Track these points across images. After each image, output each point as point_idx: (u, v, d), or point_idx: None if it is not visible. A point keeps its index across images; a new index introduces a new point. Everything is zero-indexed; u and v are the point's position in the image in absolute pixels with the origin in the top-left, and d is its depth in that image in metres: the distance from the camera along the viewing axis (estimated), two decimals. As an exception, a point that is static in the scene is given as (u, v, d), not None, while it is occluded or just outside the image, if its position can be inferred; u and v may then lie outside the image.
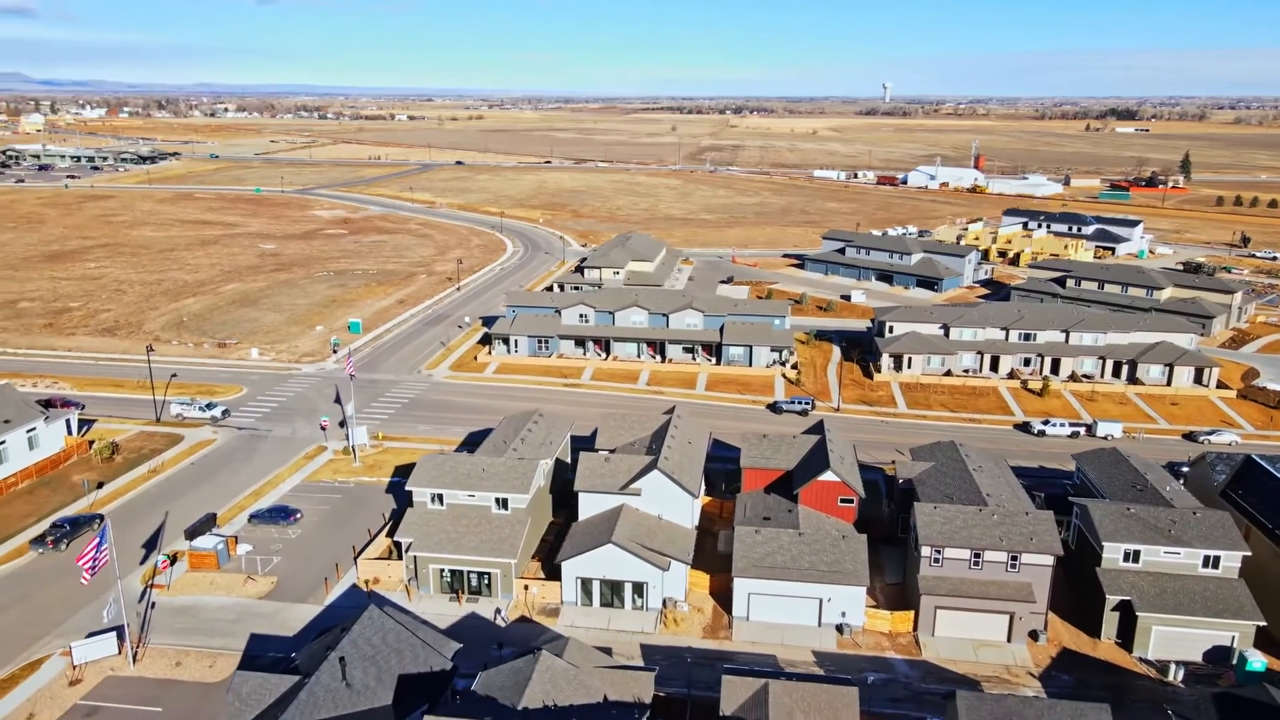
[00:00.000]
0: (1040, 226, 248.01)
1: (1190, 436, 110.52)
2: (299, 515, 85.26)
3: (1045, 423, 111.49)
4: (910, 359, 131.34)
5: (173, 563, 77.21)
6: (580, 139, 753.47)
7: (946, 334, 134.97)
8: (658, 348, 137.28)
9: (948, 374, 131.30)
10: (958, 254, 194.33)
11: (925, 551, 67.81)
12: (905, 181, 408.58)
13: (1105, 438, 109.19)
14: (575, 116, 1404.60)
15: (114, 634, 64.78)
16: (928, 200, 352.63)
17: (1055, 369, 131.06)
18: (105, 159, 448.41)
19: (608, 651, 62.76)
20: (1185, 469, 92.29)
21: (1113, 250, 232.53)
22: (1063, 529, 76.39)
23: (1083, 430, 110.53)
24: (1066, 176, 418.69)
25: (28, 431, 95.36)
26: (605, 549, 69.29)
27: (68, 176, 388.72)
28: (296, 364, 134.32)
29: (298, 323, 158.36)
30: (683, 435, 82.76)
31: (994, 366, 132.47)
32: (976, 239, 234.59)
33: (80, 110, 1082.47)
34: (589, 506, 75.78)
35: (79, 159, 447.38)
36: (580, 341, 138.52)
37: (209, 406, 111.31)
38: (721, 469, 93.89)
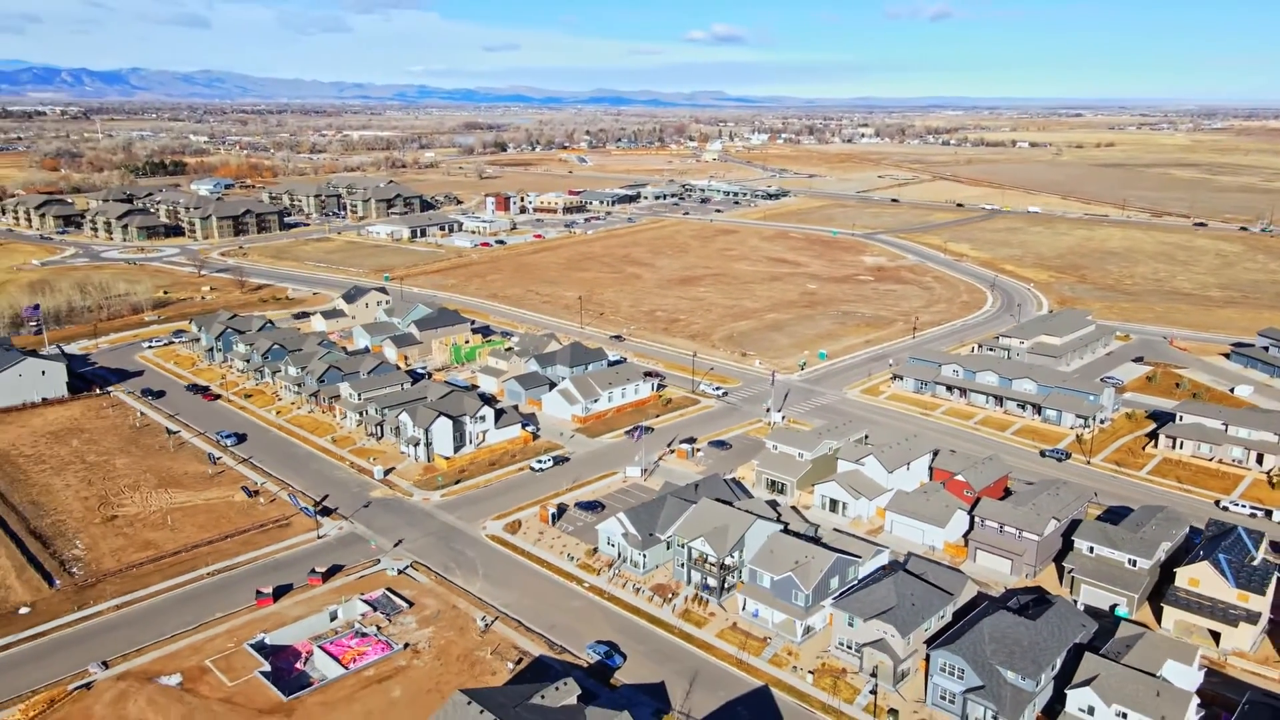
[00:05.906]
0: None
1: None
2: (730, 446, 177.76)
3: (1233, 502, 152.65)
4: (1182, 443, 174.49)
5: (671, 453, 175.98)
6: (1200, 180, 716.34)
7: (1226, 430, 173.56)
8: (999, 401, 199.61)
9: (1213, 460, 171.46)
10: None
11: (976, 520, 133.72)
12: None
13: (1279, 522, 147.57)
14: (1236, 140, 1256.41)
15: (640, 468, 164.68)
16: None
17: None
18: (745, 194, 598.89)
19: (816, 527, 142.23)
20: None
21: None
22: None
23: (1260, 513, 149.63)
24: None
25: (635, 386, 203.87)
26: (830, 483, 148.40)
27: (715, 210, 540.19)
28: (777, 373, 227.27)
29: (797, 347, 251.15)
30: (908, 444, 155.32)
31: (1259, 461, 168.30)
32: None
33: (749, 137, 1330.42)
34: (842, 467, 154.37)
35: (727, 194, 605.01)
36: (950, 388, 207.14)
37: (717, 388, 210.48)
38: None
